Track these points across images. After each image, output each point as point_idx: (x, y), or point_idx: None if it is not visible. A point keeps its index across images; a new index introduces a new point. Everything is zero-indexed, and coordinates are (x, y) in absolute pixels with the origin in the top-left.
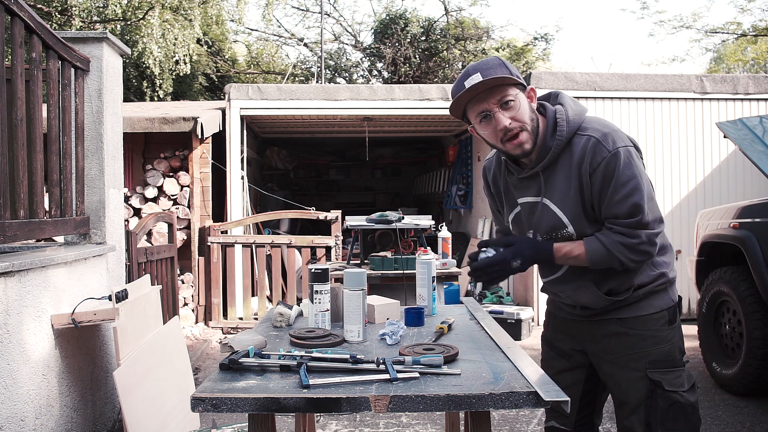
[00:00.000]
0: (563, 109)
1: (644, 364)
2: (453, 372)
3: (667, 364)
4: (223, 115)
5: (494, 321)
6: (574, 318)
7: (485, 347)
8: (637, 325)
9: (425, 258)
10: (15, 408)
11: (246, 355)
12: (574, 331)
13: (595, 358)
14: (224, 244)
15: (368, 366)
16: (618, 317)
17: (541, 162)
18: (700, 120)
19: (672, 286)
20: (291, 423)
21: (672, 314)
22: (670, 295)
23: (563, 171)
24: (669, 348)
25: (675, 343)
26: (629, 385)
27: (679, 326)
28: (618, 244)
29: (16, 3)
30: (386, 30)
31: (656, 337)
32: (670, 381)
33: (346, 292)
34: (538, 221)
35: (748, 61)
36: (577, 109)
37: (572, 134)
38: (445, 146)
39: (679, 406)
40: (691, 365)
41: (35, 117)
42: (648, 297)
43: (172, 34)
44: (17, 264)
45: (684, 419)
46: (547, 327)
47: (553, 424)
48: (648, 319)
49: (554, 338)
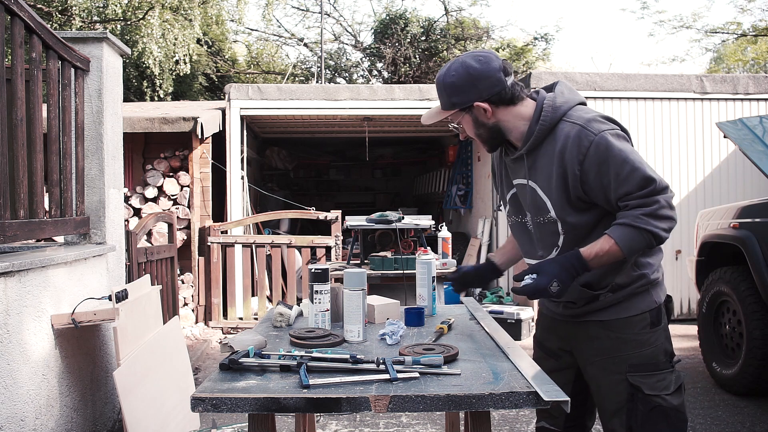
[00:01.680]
0: (552, 96)
1: (625, 367)
2: (453, 372)
3: (648, 367)
4: (223, 115)
5: (494, 321)
6: (559, 318)
7: (485, 347)
8: (617, 328)
9: (425, 258)
10: (15, 408)
11: (246, 355)
12: (561, 332)
13: (580, 360)
14: (224, 244)
15: (368, 366)
16: (599, 319)
17: (525, 145)
18: (700, 120)
19: (656, 288)
20: (291, 423)
21: (655, 316)
22: (653, 296)
23: (546, 156)
24: (651, 351)
25: (659, 346)
26: (610, 388)
27: (665, 328)
28: (641, 217)
29: (16, 3)
30: (386, 30)
31: (637, 340)
32: (652, 385)
33: (346, 292)
34: (529, 204)
35: (748, 61)
36: (568, 96)
37: (557, 120)
38: (445, 146)
39: (660, 410)
40: (691, 365)
41: (35, 117)
42: (629, 298)
43: (172, 34)
44: (17, 264)
45: (666, 423)
46: (537, 326)
47: (543, 424)
48: (628, 322)
49: (544, 338)
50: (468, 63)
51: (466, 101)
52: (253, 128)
